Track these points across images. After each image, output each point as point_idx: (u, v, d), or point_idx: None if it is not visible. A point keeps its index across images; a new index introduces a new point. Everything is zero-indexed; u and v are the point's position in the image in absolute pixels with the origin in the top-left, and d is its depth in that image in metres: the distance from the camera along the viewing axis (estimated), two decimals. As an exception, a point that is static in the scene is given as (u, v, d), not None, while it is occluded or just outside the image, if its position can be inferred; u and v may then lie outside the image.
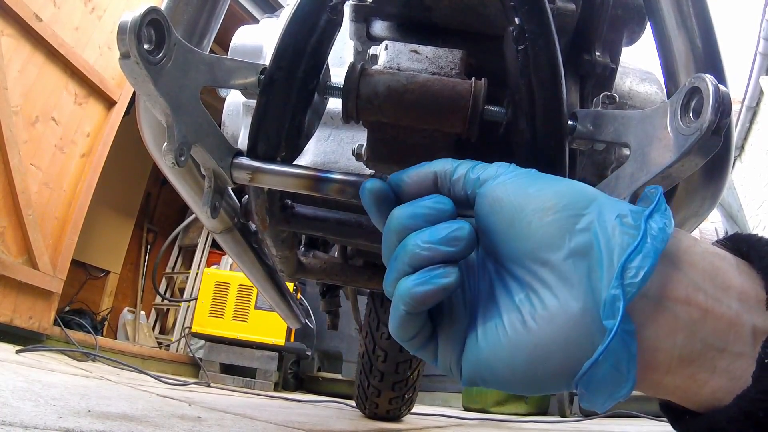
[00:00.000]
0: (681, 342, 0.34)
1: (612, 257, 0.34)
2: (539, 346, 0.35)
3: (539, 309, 0.36)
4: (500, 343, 0.37)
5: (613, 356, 0.32)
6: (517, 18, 0.55)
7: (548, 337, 0.35)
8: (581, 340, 0.34)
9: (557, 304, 0.35)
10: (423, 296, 0.38)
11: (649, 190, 0.38)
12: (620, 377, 0.33)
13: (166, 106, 0.47)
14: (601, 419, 3.44)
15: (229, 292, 4.71)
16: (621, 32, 0.81)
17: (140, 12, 0.42)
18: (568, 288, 0.35)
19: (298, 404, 3.13)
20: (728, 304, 0.34)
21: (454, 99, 0.56)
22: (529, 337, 0.36)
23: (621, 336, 0.32)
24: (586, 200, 0.37)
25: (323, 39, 0.58)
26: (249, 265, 1.12)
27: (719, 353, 0.33)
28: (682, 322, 0.34)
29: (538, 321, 0.36)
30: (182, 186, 0.86)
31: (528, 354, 0.36)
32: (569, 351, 0.34)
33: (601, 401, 0.34)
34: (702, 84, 0.39)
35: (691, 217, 0.72)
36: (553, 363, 0.35)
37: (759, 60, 6.94)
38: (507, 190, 0.40)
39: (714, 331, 0.34)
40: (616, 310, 0.32)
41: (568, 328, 0.34)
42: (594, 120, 0.56)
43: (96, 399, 1.67)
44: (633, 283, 0.32)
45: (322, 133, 0.84)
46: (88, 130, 3.82)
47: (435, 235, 0.39)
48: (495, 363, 0.38)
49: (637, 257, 0.33)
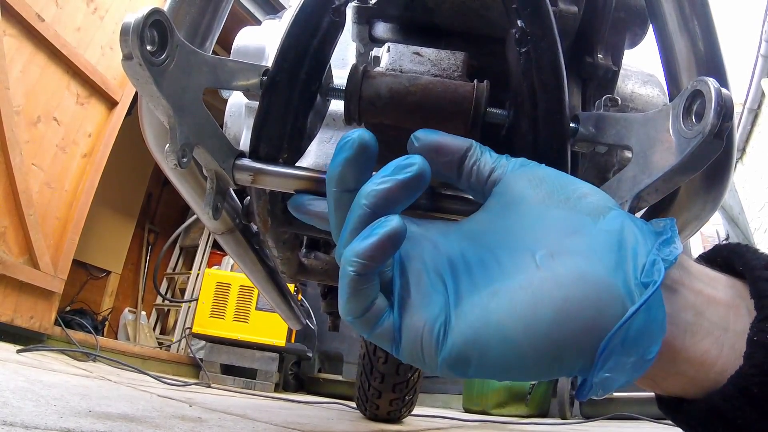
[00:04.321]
0: (691, 319, 0.36)
1: (647, 240, 0.36)
2: (570, 299, 0.33)
3: (568, 267, 0.35)
4: (519, 299, 0.34)
5: (646, 313, 0.33)
6: (520, 20, 0.55)
7: (580, 292, 0.34)
8: (612, 300, 0.33)
9: (588, 265, 0.35)
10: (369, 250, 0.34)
11: (656, 222, 0.40)
12: (652, 333, 0.33)
13: (168, 108, 0.47)
14: (602, 422, 3.43)
15: (230, 292, 4.71)
16: (623, 35, 0.81)
17: (143, 13, 0.42)
18: (599, 256, 0.35)
19: (298, 405, 3.13)
20: (723, 291, 0.37)
21: (457, 101, 0.56)
22: (558, 292, 0.34)
23: (658, 291, 0.33)
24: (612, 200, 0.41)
25: (326, 41, 0.58)
26: (250, 266, 1.12)
27: (724, 332, 0.35)
28: (690, 303, 0.36)
29: (567, 277, 0.34)
30: (184, 187, 0.86)
31: (556, 307, 0.33)
32: (601, 308, 0.33)
33: (630, 366, 0.33)
34: (704, 87, 0.39)
35: (692, 220, 0.72)
36: (583, 319, 0.33)
37: (761, 62, 6.94)
38: (548, 171, 0.42)
39: (716, 312, 0.36)
40: (656, 270, 0.34)
41: (599, 286, 0.34)
42: (596, 123, 0.56)
43: (97, 399, 1.67)
44: (668, 259, 0.35)
45: (324, 134, 0.84)
46: (90, 130, 3.83)
47: (386, 169, 0.38)
48: (510, 323, 0.34)
49: (668, 246, 0.36)
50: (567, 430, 2.98)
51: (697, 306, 0.36)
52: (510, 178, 0.42)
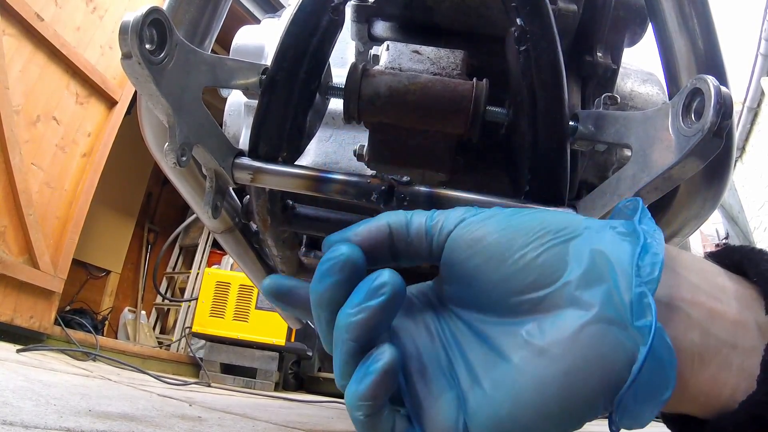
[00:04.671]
0: (697, 340, 0.33)
1: (622, 262, 0.33)
2: (571, 371, 0.32)
3: (556, 333, 0.33)
4: (521, 386, 0.33)
5: (655, 355, 0.31)
6: (519, 19, 0.55)
7: (579, 358, 0.32)
8: (614, 352, 0.31)
9: (578, 323, 0.32)
10: (371, 391, 0.33)
11: (624, 204, 0.38)
12: (664, 376, 0.31)
13: (167, 106, 0.47)
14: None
15: (230, 292, 4.71)
16: (622, 33, 0.81)
17: (142, 12, 0.42)
18: (584, 304, 0.33)
19: (298, 404, 3.13)
20: (728, 303, 0.34)
21: (456, 100, 0.56)
22: (557, 366, 0.32)
23: (658, 332, 0.30)
24: (575, 222, 0.36)
25: (325, 39, 0.58)
26: (250, 265, 1.12)
27: (732, 350, 0.33)
28: (694, 321, 0.33)
29: (561, 346, 0.32)
30: (184, 186, 0.86)
31: (561, 384, 0.32)
32: (606, 366, 0.31)
33: (648, 410, 0.32)
34: (704, 85, 0.39)
35: (692, 219, 0.72)
36: (591, 384, 0.32)
37: (760, 61, 6.94)
38: (487, 227, 0.36)
39: (723, 327, 0.33)
40: (646, 307, 0.31)
41: (597, 342, 0.32)
42: (595, 121, 0.56)
43: (96, 398, 1.67)
44: (652, 279, 0.31)
45: (324, 133, 0.84)
46: (90, 129, 3.83)
47: (358, 293, 0.35)
48: (521, 413, 0.33)
49: (646, 256, 0.32)
50: (567, 429, 2.97)
51: (702, 323, 0.33)
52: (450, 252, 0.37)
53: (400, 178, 0.57)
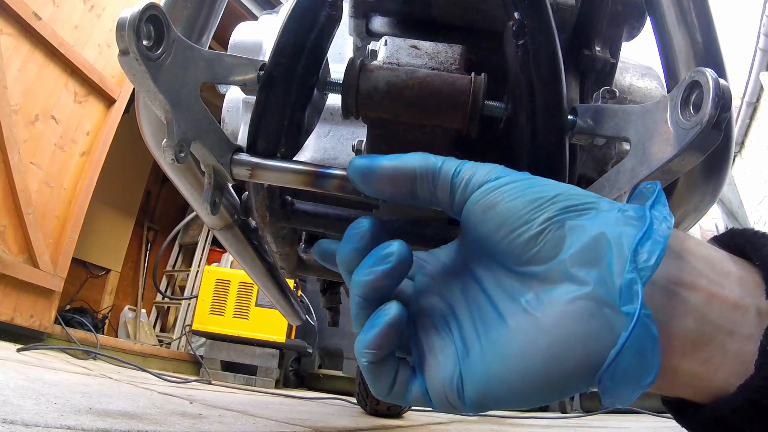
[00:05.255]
0: (692, 325, 0.34)
1: (621, 246, 0.33)
2: (555, 344, 0.33)
3: (551, 306, 0.34)
4: (510, 351, 0.35)
5: (636, 341, 0.31)
6: (517, 13, 0.55)
7: (565, 333, 0.33)
8: (600, 331, 0.33)
9: (569, 298, 0.34)
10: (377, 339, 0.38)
11: (645, 186, 0.38)
12: (645, 363, 0.32)
13: (165, 103, 0.47)
14: (602, 415, 3.44)
15: (230, 289, 4.71)
16: (621, 27, 0.81)
17: (139, 8, 0.42)
18: (579, 281, 0.34)
19: (299, 401, 3.14)
20: (730, 288, 0.35)
21: (454, 94, 0.56)
22: (544, 337, 0.34)
23: (642, 319, 0.31)
24: (587, 199, 0.37)
25: (322, 35, 0.57)
26: (249, 262, 1.12)
27: (729, 336, 0.33)
28: (690, 306, 0.34)
29: (551, 318, 0.34)
30: (182, 183, 0.86)
31: (544, 355, 0.34)
32: (588, 344, 0.33)
33: (628, 392, 0.33)
34: (702, 78, 0.39)
35: (691, 213, 0.72)
36: (573, 359, 0.33)
37: (759, 56, 6.93)
38: (503, 195, 0.38)
39: (721, 313, 0.34)
40: (634, 294, 0.32)
41: (584, 320, 0.33)
42: (594, 115, 0.56)
43: (97, 397, 1.67)
44: (647, 267, 0.32)
45: (322, 129, 0.83)
46: (88, 128, 3.82)
47: (369, 258, 0.39)
48: (507, 375, 0.35)
49: (647, 243, 0.33)
50: (567, 424, 2.99)
51: (699, 308, 0.34)
52: (468, 212, 0.39)
53: (399, 174, 0.57)
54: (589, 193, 0.38)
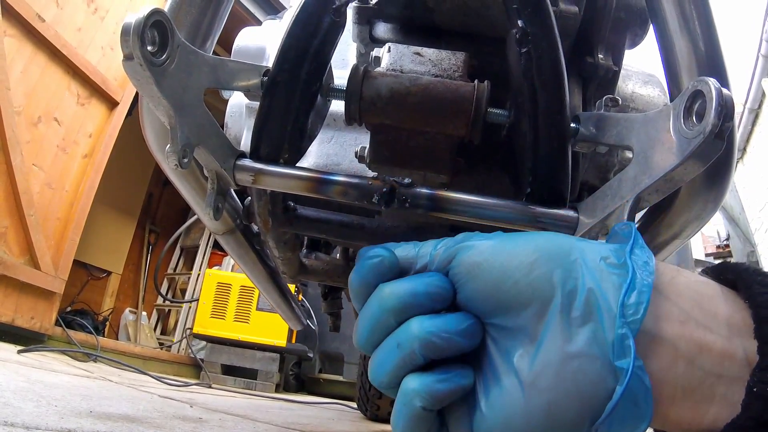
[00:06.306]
0: (682, 372, 0.34)
1: (608, 299, 0.34)
2: (553, 402, 0.34)
3: (542, 364, 0.35)
4: (510, 411, 0.35)
5: (631, 393, 0.32)
6: (520, 20, 0.55)
7: (560, 390, 0.34)
8: (594, 386, 0.33)
9: (561, 355, 0.34)
10: (445, 394, 0.36)
11: (620, 227, 0.39)
12: (639, 413, 0.33)
13: (169, 108, 0.47)
14: None
15: (231, 293, 4.71)
16: (624, 35, 0.81)
17: (143, 14, 0.42)
18: (568, 337, 0.34)
19: (299, 406, 3.13)
20: (718, 332, 0.35)
21: (457, 101, 0.56)
22: (541, 397, 0.34)
23: (635, 372, 0.32)
24: (567, 248, 0.37)
25: (326, 41, 0.58)
26: (251, 267, 1.12)
27: (717, 379, 0.34)
28: (680, 353, 0.34)
29: (544, 377, 0.34)
30: (185, 187, 0.86)
31: (544, 414, 0.34)
32: (585, 399, 0.33)
33: None
34: (705, 87, 0.39)
35: (693, 221, 0.72)
36: (571, 415, 0.34)
37: (761, 62, 6.94)
38: (484, 253, 0.38)
39: (709, 359, 0.34)
40: (626, 348, 0.32)
41: (579, 378, 0.34)
42: (597, 123, 0.56)
43: (97, 399, 1.67)
44: (635, 320, 0.33)
45: (325, 135, 0.84)
46: (91, 130, 3.83)
47: (451, 325, 0.37)
48: None
49: (633, 294, 0.34)
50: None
51: (688, 355, 0.34)
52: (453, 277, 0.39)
53: (402, 180, 0.57)
54: (568, 238, 0.39)
